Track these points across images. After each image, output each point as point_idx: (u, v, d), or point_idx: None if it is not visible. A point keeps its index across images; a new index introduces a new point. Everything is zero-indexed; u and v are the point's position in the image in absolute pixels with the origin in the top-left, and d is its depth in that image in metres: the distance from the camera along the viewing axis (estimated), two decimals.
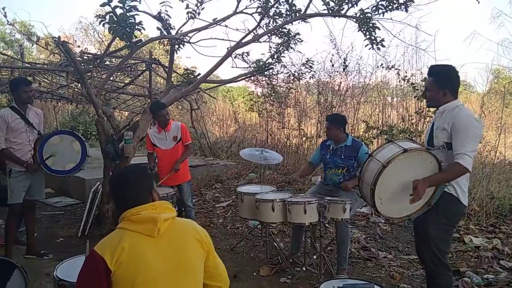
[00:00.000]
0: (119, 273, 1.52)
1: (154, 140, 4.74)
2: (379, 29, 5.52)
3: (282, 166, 8.00)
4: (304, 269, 3.74)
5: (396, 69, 7.42)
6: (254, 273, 4.00)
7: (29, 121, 4.08)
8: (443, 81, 2.65)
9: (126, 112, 11.59)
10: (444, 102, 2.64)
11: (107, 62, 7.05)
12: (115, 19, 4.29)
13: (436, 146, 2.63)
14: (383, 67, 7.52)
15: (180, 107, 10.88)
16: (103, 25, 4.50)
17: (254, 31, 5.99)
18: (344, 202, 3.54)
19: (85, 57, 6.16)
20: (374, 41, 5.64)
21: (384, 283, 3.80)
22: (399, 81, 7.60)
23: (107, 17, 4.30)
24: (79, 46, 8.79)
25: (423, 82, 7.02)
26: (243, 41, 5.81)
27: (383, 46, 5.71)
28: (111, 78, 8.08)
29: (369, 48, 5.72)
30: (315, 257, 3.80)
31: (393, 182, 2.52)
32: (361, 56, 8.16)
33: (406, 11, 5.39)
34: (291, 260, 4.07)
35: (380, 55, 6.99)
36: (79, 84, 6.70)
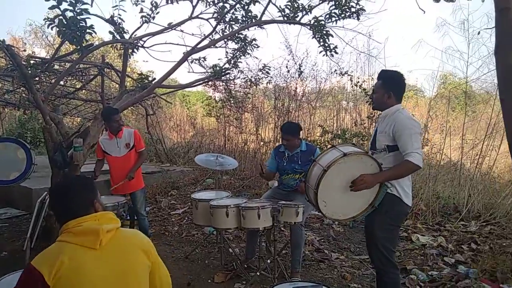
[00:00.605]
0: None
1: (105, 147, 4.60)
2: (332, 36, 5.72)
3: (240, 171, 8.03)
4: (258, 273, 3.78)
5: (348, 75, 7.68)
6: (209, 280, 3.98)
7: None
8: (389, 84, 2.81)
9: (79, 118, 11.19)
10: (388, 105, 2.79)
11: (57, 66, 6.79)
12: (65, 22, 4.15)
13: (378, 149, 2.77)
14: (336, 73, 7.76)
15: (136, 112, 10.65)
16: (52, 28, 4.37)
17: (210, 36, 6.00)
18: (297, 206, 3.60)
19: (32, 61, 5.91)
20: (328, 48, 5.84)
21: (336, 283, 3.91)
22: (352, 86, 7.88)
23: (57, 20, 4.16)
24: (25, 50, 8.40)
25: None
26: (199, 46, 5.80)
27: (336, 53, 5.92)
28: (62, 83, 7.79)
29: (323, 55, 5.93)
30: (269, 261, 3.83)
31: (336, 185, 2.62)
32: (316, 62, 8.39)
33: (358, 19, 5.62)
34: (245, 265, 4.08)
35: (333, 61, 7.24)
36: (26, 90, 6.41)
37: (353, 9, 5.56)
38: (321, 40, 5.84)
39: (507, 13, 2.37)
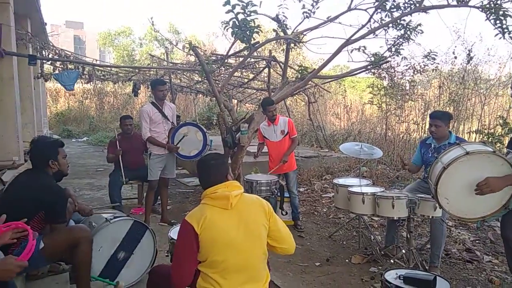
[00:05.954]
0: (203, 236, 2.04)
1: (264, 132, 5.32)
2: (511, 16, 5.10)
3: (397, 161, 7.85)
4: (392, 261, 3.87)
5: None
6: (347, 260, 4.26)
7: (165, 114, 5.03)
8: None
9: (253, 105, 12.58)
10: None
11: (233, 61, 7.91)
12: (237, 24, 4.90)
13: None
14: None
15: (299, 100, 11.36)
16: (227, 30, 5.20)
17: (368, 25, 6.05)
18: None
19: (214, 57, 7.09)
20: (506, 30, 5.23)
21: (480, 286, 3.69)
22: None
23: (231, 22, 4.95)
24: (207, 51, 9.92)
25: None
26: (354, 37, 5.93)
27: None
28: (238, 75, 9.01)
29: (500, 38, 5.33)
30: (403, 251, 3.87)
31: (458, 183, 2.56)
32: (493, 45, 7.44)
33: None
34: (382, 252, 4.20)
35: None
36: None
37: None
38: (497, 22, 5.26)
39: None
